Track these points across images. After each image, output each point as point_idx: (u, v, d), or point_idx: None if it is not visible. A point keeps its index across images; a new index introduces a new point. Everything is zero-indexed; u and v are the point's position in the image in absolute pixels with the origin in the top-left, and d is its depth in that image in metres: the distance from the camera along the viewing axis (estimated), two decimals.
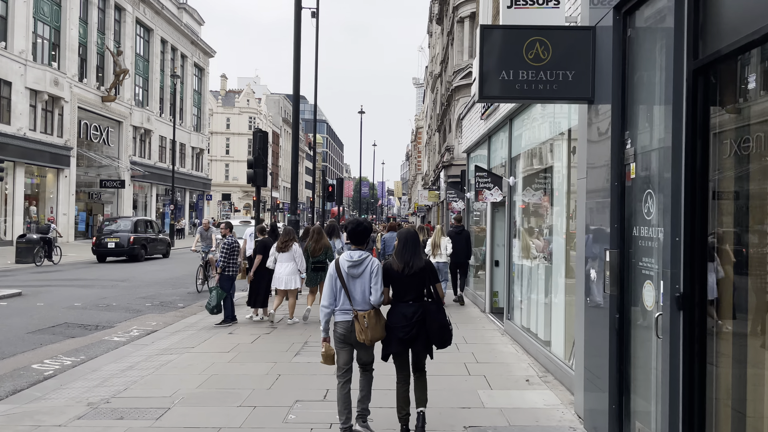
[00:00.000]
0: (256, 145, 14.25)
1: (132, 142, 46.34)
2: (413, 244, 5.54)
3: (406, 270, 5.33)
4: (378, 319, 5.28)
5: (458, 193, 15.66)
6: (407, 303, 5.33)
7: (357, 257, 5.37)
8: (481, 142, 13.44)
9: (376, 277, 5.31)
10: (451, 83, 27.52)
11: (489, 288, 12.33)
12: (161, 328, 10.95)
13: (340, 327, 5.37)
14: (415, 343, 5.31)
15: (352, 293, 5.30)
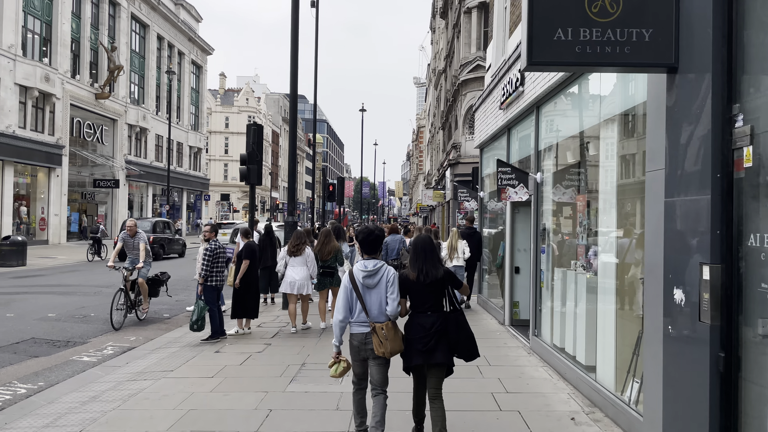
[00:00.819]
0: (250, 140, 12.97)
1: (127, 140, 45.05)
2: (429, 252, 5.20)
3: (422, 278, 5.06)
4: (396, 331, 5.04)
5: (470, 192, 14.36)
6: (425, 313, 5.07)
7: (372, 267, 5.10)
8: (498, 135, 12.14)
9: (393, 286, 5.06)
10: (457, 78, 26.23)
11: (509, 297, 11.03)
12: (140, 345, 9.66)
13: (355, 339, 5.13)
14: (434, 354, 5.01)
15: (368, 305, 5.06)
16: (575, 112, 7.73)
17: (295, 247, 10.53)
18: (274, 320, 11.86)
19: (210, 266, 9.68)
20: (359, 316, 5.09)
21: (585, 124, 7.37)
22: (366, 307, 5.04)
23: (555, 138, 8.55)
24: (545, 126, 8.87)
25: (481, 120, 13.65)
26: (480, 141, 13.86)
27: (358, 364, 5.21)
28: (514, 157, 11.02)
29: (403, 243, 13.32)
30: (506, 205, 11.12)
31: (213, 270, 9.73)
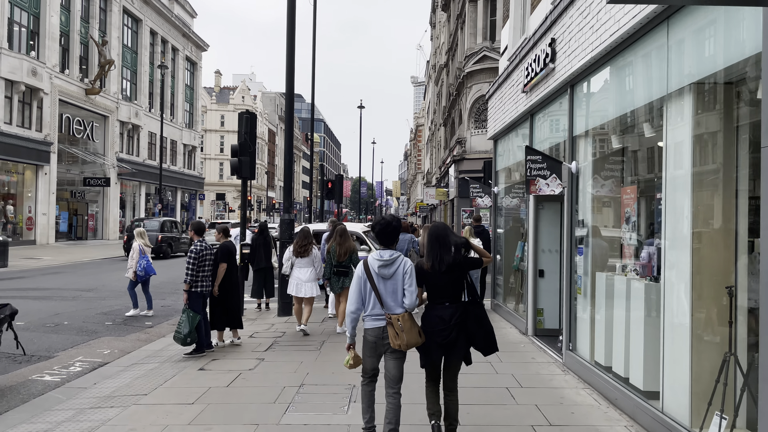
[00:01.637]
0: (242, 129, 11.72)
1: (119, 138, 43.76)
2: (443, 238, 4.99)
3: (437, 266, 4.89)
4: (412, 323, 4.78)
5: (483, 188, 13.13)
6: (443, 305, 4.89)
7: (388, 257, 4.86)
8: (518, 123, 10.93)
9: (410, 278, 4.83)
10: (461, 70, 25.05)
11: (532, 304, 9.81)
12: (114, 359, 8.43)
13: (370, 334, 4.91)
14: (455, 348, 4.86)
15: (384, 296, 4.82)
16: (625, 87, 6.51)
17: (301, 247, 10.02)
18: (269, 329, 10.63)
19: (195, 270, 8.44)
20: (374, 309, 4.84)
21: (639, 100, 6.15)
22: (381, 298, 4.79)
23: (597, 119, 7.34)
24: (582, 106, 7.66)
25: (496, 108, 12.43)
26: (494, 132, 12.64)
27: (371, 361, 4.96)
28: (539, 146, 9.80)
29: (414, 243, 12.12)
30: (529, 201, 9.91)
31: (198, 274, 8.49)
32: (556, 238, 9.80)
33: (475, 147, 24.00)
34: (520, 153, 11.30)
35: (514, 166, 11.77)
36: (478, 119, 24.06)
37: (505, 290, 12.40)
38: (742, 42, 4.32)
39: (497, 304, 12.59)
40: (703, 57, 4.98)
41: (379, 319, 4.82)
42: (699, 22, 4.93)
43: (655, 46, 5.59)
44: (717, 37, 4.75)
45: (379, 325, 4.82)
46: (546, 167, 7.76)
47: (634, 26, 5.64)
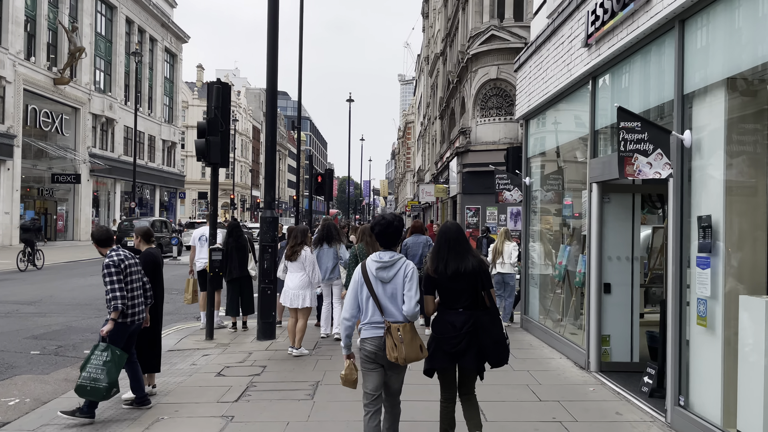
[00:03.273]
0: (212, 103, 9.19)
1: (91, 132, 40.89)
2: (454, 241, 4.63)
3: (442, 270, 4.54)
4: (414, 335, 4.32)
5: (513, 179, 10.67)
6: (456, 311, 4.54)
7: (388, 258, 4.44)
8: (567, 92, 8.47)
9: (411, 282, 4.39)
10: (465, 53, 22.65)
11: (595, 329, 7.37)
12: (16, 418, 5.87)
13: (368, 344, 4.42)
14: (465, 357, 4.48)
15: (382, 302, 4.38)
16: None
17: (290, 249, 8.53)
18: (245, 360, 8.12)
19: (115, 289, 5.74)
20: (373, 317, 4.40)
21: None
22: (380, 304, 4.37)
23: (728, 64, 4.89)
24: (701, 48, 5.21)
25: (531, 79, 9.99)
26: (527, 108, 10.19)
27: (373, 376, 4.45)
28: (604, 119, 7.36)
29: (430, 247, 9.70)
30: (591, 192, 7.47)
31: (120, 294, 5.72)
32: (626, 241, 7.41)
33: (481, 137, 21.57)
34: (566, 132, 8.87)
35: (557, 150, 9.36)
36: (485, 106, 21.65)
37: (542, 305, 9.97)
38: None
39: (530, 320, 10.15)
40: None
41: (380, 327, 4.40)
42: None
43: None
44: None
45: (378, 334, 4.40)
46: (647, 138, 5.29)
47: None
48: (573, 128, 8.59)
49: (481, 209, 21.28)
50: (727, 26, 4.92)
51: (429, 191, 29.17)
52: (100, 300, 13.71)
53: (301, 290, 8.33)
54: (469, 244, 4.79)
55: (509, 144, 20.68)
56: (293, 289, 8.34)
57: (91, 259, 25.43)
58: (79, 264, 23.60)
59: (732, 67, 4.89)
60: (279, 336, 9.59)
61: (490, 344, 4.51)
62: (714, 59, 5.09)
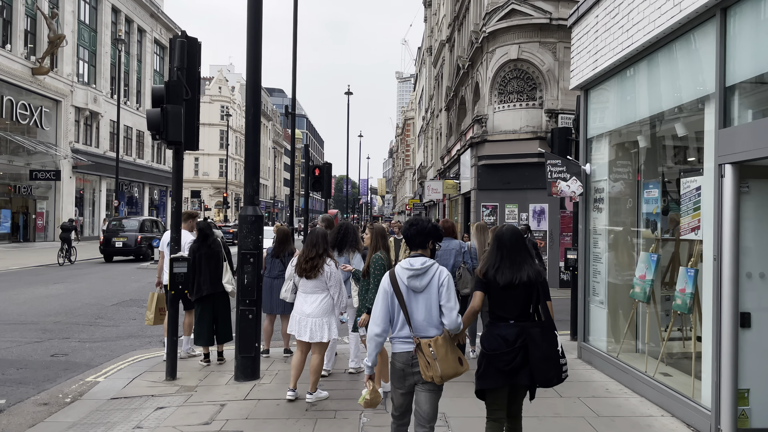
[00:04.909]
0: (173, 63, 6.82)
1: (74, 126, 38.44)
2: (511, 248, 4.21)
3: (490, 275, 4.18)
4: (450, 348, 4.01)
5: (570, 165, 8.22)
6: (507, 323, 4.15)
7: (419, 265, 4.09)
8: (669, 38, 6.05)
9: (448, 291, 4.05)
10: (479, 33, 20.24)
11: (728, 380, 4.99)
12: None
13: (398, 360, 4.11)
14: (519, 375, 4.08)
15: (413, 314, 4.06)
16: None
17: (308, 262, 6.16)
18: (214, 418, 5.71)
19: None
20: (402, 330, 4.10)
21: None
22: (410, 316, 4.05)
23: None
24: None
25: (598, 34, 7.58)
26: (591, 72, 7.77)
27: (402, 395, 4.18)
28: (744, 68, 4.97)
29: (467, 254, 7.40)
30: (719, 177, 5.07)
31: None
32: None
33: (499, 126, 19.14)
34: (660, 98, 6.50)
35: (642, 123, 6.97)
36: (504, 91, 19.22)
37: (613, 332, 7.59)
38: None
39: (593, 350, 7.77)
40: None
41: (409, 341, 4.06)
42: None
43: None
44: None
45: (409, 349, 4.05)
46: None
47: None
48: (674, 91, 6.20)
49: (500, 207, 18.88)
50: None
51: (436, 188, 26.74)
52: (51, 317, 11.35)
53: (322, 318, 6.15)
54: (529, 251, 4.35)
55: (532, 133, 18.29)
56: (312, 317, 6.13)
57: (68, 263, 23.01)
58: (52, 268, 21.17)
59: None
60: (264, 374, 7.22)
61: (538, 359, 4.07)
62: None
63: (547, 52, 18.52)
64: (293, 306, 6.38)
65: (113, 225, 27.45)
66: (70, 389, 6.82)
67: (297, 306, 6.26)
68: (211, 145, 74.72)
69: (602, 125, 7.89)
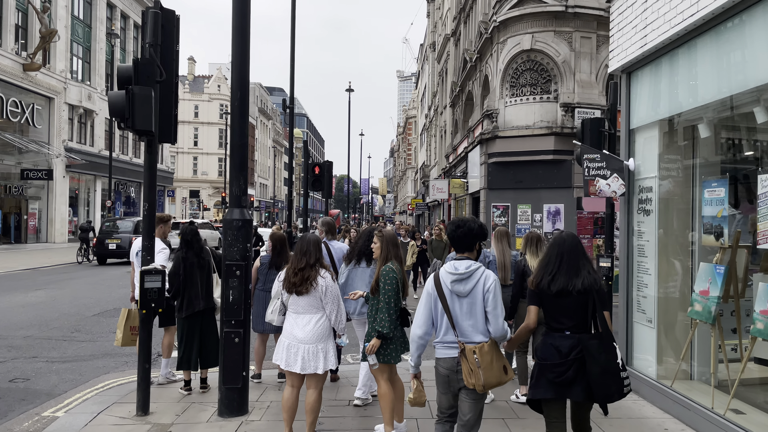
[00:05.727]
0: (148, 34, 5.70)
1: (67, 123, 37.34)
2: (569, 253, 4.01)
3: (543, 284, 3.98)
4: (495, 356, 3.89)
5: (610, 161, 7.07)
6: (563, 333, 3.95)
7: (464, 269, 3.96)
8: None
9: (494, 297, 3.92)
10: (490, 21, 19.12)
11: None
12: None
13: (442, 366, 4.04)
14: (572, 388, 3.85)
15: (457, 318, 3.95)
16: None
17: (297, 274, 5.06)
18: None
19: None
20: (446, 335, 3.99)
21: None
22: (454, 321, 3.95)
23: None
24: None
25: (648, 4, 6.43)
26: (634, 54, 6.64)
27: (447, 398, 4.09)
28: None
29: (492, 265, 6.35)
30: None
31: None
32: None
33: (511, 121, 18.02)
34: (731, 78, 5.37)
35: (708, 110, 5.84)
36: (516, 84, 18.10)
37: (664, 354, 6.47)
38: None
39: (637, 375, 6.64)
40: None
41: (453, 347, 3.96)
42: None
43: None
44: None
45: (453, 354, 3.96)
46: None
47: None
48: (754, 67, 5.06)
49: (511, 207, 17.76)
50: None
51: (441, 187, 25.57)
52: (22, 331, 10.25)
53: (317, 344, 5.02)
54: (588, 258, 4.07)
55: (547, 129, 17.17)
56: (305, 342, 5.01)
57: (58, 266, 21.96)
58: (39, 272, 20.06)
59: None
60: (254, 407, 6.10)
61: (596, 374, 3.80)
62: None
63: (562, 41, 17.40)
64: None
65: (107, 226, 26.26)
66: (21, 428, 5.71)
67: (286, 329, 5.14)
68: (210, 144, 73.60)
69: (650, 113, 6.75)
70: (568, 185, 17.12)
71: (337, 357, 5.37)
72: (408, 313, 5.24)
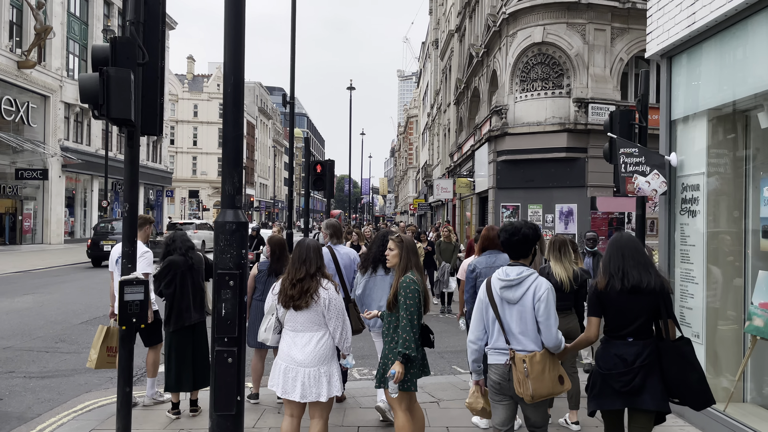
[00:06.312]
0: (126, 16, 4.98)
1: (63, 122, 36.65)
2: (633, 251, 3.80)
3: (618, 284, 3.72)
4: (549, 366, 3.70)
5: (649, 156, 6.32)
6: (625, 341, 3.76)
7: (515, 275, 3.81)
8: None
9: (547, 307, 3.72)
10: (498, 14, 18.37)
11: None
12: None
13: (494, 372, 3.90)
14: (640, 397, 3.69)
15: (508, 325, 3.81)
16: None
17: (295, 286, 4.43)
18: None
19: None
20: (498, 341, 3.87)
21: None
22: (505, 328, 3.81)
23: None
24: None
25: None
26: (679, 34, 5.90)
27: (501, 409, 3.92)
28: None
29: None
30: None
31: None
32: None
33: (522, 117, 17.28)
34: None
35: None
36: (527, 78, 17.36)
37: (715, 374, 5.73)
38: None
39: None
40: None
41: (504, 353, 3.82)
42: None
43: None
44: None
45: (503, 361, 3.81)
46: None
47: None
48: None
49: (521, 207, 17.02)
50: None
51: (446, 187, 24.82)
52: (2, 341, 9.54)
53: (319, 366, 4.36)
54: (652, 259, 4.06)
55: (559, 125, 16.43)
56: (305, 366, 4.36)
57: (51, 268, 21.26)
58: (31, 275, 19.33)
59: None
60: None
61: (696, 380, 3.67)
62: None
63: (575, 34, 16.66)
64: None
65: (102, 227, 25.62)
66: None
67: (283, 350, 4.45)
68: (210, 143, 72.87)
69: (696, 102, 6.01)
70: (581, 184, 16.40)
71: (342, 379, 4.64)
72: (430, 332, 4.52)
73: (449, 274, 13.07)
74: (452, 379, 7.52)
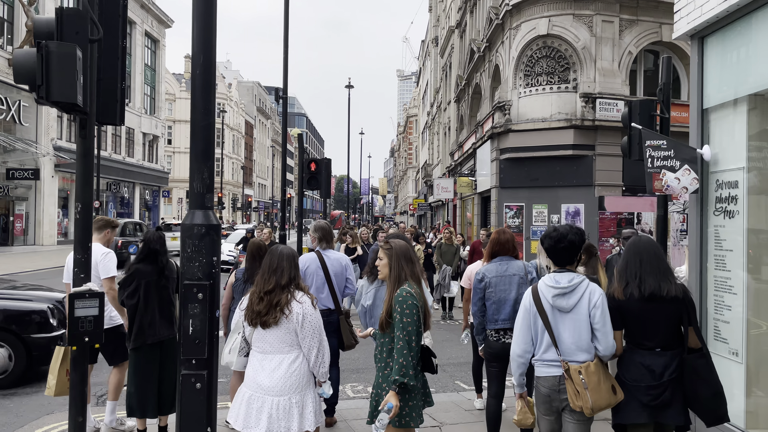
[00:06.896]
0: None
1: (56, 122, 35.97)
2: (653, 257, 3.66)
3: (635, 290, 3.60)
4: (603, 376, 3.54)
5: (679, 149, 5.60)
6: (652, 351, 3.63)
7: (567, 282, 3.60)
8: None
9: (602, 313, 3.55)
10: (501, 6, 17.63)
11: None
12: None
13: (543, 385, 3.69)
14: (668, 411, 3.57)
15: (560, 336, 3.61)
16: None
17: (263, 297, 3.77)
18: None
19: None
20: (547, 353, 3.66)
21: None
22: (556, 338, 3.61)
23: None
24: None
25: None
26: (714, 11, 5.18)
27: (550, 422, 3.72)
28: None
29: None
30: None
31: None
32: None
33: (526, 113, 16.58)
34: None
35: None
36: (531, 72, 16.66)
37: (754, 392, 5.01)
38: None
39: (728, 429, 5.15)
40: None
41: (554, 365, 3.62)
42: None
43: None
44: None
45: (555, 373, 3.61)
46: None
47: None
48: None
49: (526, 207, 16.31)
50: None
51: (447, 186, 24.12)
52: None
53: (290, 395, 3.71)
54: (670, 265, 3.77)
55: (565, 121, 15.72)
56: (273, 394, 3.71)
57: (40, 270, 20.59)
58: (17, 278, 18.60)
59: None
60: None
61: (709, 396, 3.56)
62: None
63: (582, 26, 15.95)
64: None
65: None
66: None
67: (249, 375, 3.77)
68: None
69: (734, 87, 5.29)
70: (588, 183, 15.68)
71: (317, 413, 3.88)
72: (432, 354, 3.80)
73: (450, 277, 12.40)
74: (455, 398, 6.81)
